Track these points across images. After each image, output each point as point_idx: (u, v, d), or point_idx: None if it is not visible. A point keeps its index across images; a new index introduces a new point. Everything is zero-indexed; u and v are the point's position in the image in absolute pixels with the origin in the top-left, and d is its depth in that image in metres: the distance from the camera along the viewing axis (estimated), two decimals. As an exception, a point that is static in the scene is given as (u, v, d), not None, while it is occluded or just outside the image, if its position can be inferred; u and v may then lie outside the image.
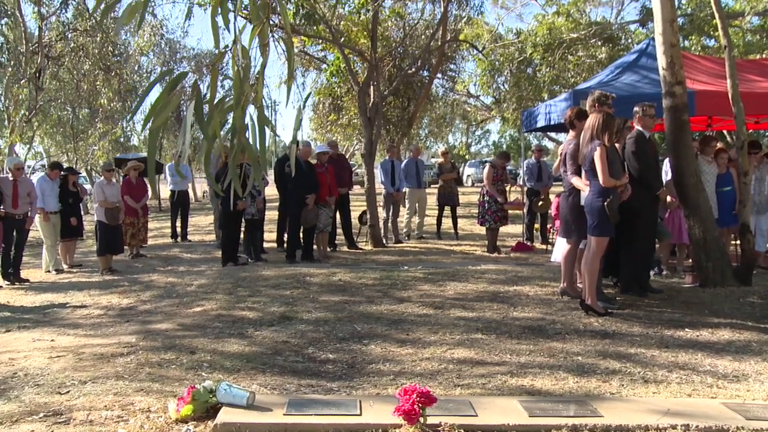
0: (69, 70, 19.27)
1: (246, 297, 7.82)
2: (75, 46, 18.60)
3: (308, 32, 13.75)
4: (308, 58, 20.01)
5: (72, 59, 18.85)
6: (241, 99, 2.79)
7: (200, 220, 19.38)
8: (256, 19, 2.80)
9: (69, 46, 18.61)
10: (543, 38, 19.20)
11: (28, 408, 4.27)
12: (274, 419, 3.80)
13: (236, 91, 2.80)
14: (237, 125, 2.82)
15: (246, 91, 2.80)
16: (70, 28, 18.25)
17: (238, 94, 2.79)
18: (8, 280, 9.90)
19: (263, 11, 2.81)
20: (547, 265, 9.42)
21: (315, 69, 21.93)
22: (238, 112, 2.81)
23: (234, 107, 2.82)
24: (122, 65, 21.49)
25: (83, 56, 18.85)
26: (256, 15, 2.80)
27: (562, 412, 3.90)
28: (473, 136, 52.58)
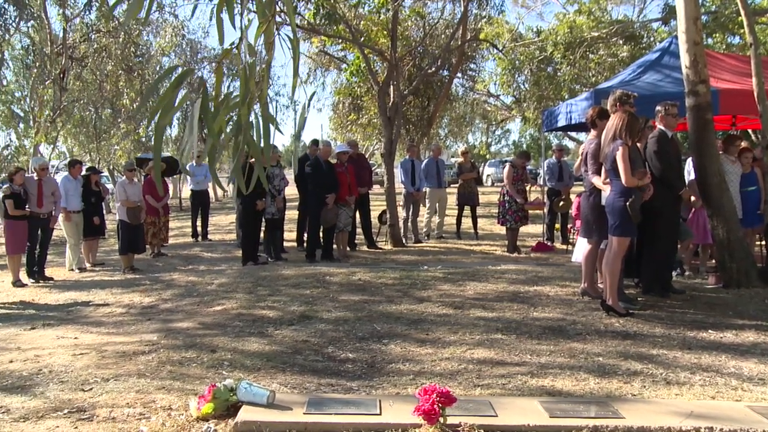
0: (92, 71, 19.46)
1: (266, 296, 7.84)
2: (98, 47, 18.78)
3: (328, 32, 13.76)
4: (328, 57, 20.05)
5: (95, 60, 19.04)
6: (247, 96, 2.80)
7: (220, 219, 19.49)
8: (262, 17, 2.80)
9: (92, 47, 18.79)
10: (564, 37, 19.06)
11: (52, 404, 4.33)
12: (294, 418, 3.81)
13: (242, 88, 2.80)
14: (242, 122, 2.82)
15: (251, 89, 2.80)
16: (94, 30, 18.43)
17: (243, 91, 2.79)
18: (33, 278, 10.02)
19: (269, 9, 2.81)
20: (568, 266, 9.36)
21: (335, 69, 21.98)
22: (243, 109, 2.81)
23: (240, 104, 2.82)
24: (144, 66, 21.66)
25: (106, 57, 19.02)
26: (262, 12, 2.80)
27: (583, 413, 3.87)
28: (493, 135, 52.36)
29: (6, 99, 20.24)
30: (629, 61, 16.66)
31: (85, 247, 11.31)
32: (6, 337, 6.57)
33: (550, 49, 19.71)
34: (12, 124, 20.45)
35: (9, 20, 14.63)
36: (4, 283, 9.93)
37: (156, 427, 3.87)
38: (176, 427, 3.86)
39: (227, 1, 2.69)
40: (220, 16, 2.76)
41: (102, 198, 11.82)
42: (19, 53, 19.68)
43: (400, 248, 12.16)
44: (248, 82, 2.77)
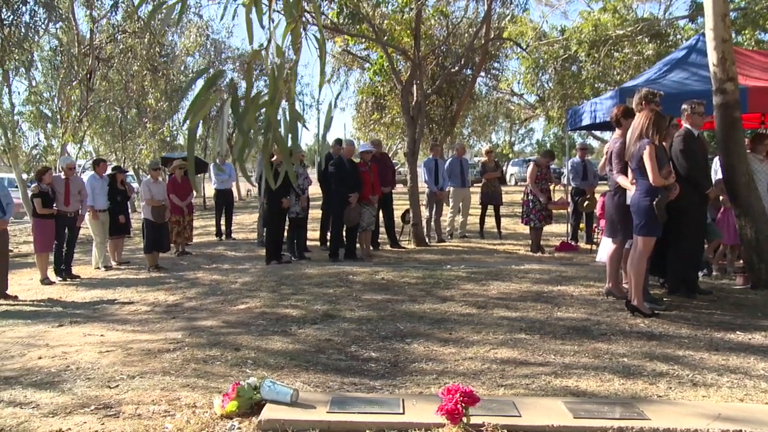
0: (118, 71, 19.67)
1: (289, 295, 7.88)
2: (124, 48, 18.97)
3: (351, 31, 13.78)
4: (351, 57, 20.07)
5: (121, 60, 19.24)
6: (276, 95, 2.81)
7: (244, 218, 19.60)
8: (290, 17, 2.81)
9: (118, 47, 19.00)
10: (588, 35, 18.91)
11: (80, 400, 4.38)
12: (318, 417, 3.82)
13: (271, 87, 2.82)
14: (271, 121, 2.84)
15: (280, 88, 2.82)
16: (120, 30, 18.63)
17: (272, 90, 2.81)
18: (60, 276, 10.15)
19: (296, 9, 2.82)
20: (592, 265, 9.28)
21: (358, 68, 22.00)
22: (271, 108, 2.83)
23: (268, 103, 2.84)
24: (169, 66, 21.85)
25: (132, 57, 19.21)
26: (290, 13, 2.82)
27: (608, 414, 3.83)
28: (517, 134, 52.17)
29: (35, 99, 20.49)
30: (655, 60, 16.49)
31: (111, 246, 11.43)
32: (35, 333, 6.67)
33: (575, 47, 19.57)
34: (40, 124, 20.70)
35: (38, 22, 14.82)
36: (32, 281, 10.07)
37: (181, 425, 3.90)
38: (200, 425, 3.89)
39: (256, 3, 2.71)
40: (249, 17, 2.78)
41: (128, 197, 11.93)
42: (48, 54, 19.93)
43: (423, 247, 12.15)
44: (277, 81, 2.79)
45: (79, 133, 20.63)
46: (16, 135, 19.61)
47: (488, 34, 15.30)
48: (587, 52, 19.24)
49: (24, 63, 16.42)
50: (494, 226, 13.59)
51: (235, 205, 17.25)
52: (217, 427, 3.85)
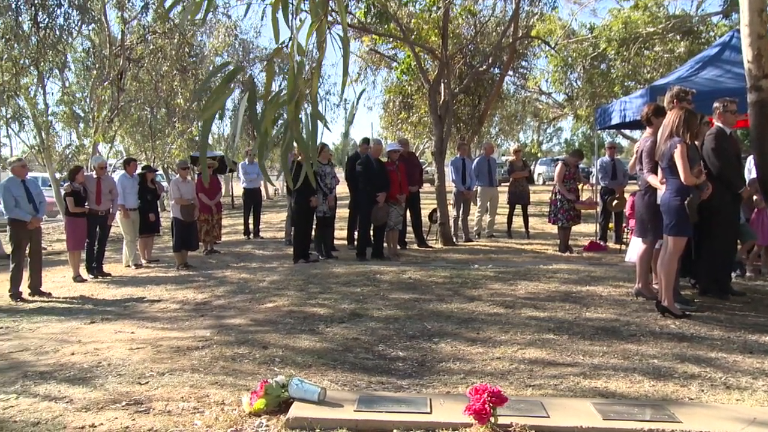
0: (148, 72, 19.90)
1: (317, 294, 7.90)
2: (154, 48, 19.20)
3: (379, 30, 13.79)
4: (379, 56, 20.08)
5: (151, 61, 19.46)
6: (295, 94, 2.82)
7: (272, 217, 19.71)
8: (315, 16, 2.82)
9: (148, 48, 19.23)
10: (618, 33, 18.71)
11: (111, 396, 4.45)
12: (345, 415, 3.83)
13: (290, 85, 2.82)
14: (290, 119, 2.85)
15: (300, 86, 2.82)
16: (150, 31, 18.85)
17: (291, 89, 2.82)
18: (92, 273, 10.30)
19: (322, 8, 2.83)
20: (621, 265, 9.19)
21: (385, 67, 22.00)
22: (291, 106, 2.83)
23: (287, 102, 2.84)
24: (198, 66, 22.05)
25: (161, 58, 19.43)
26: (315, 12, 2.83)
27: (638, 416, 3.78)
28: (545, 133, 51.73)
29: (68, 100, 20.82)
30: (686, 57, 16.26)
31: (140, 244, 11.56)
32: (68, 330, 6.78)
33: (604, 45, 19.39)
34: (73, 124, 21.03)
35: (72, 24, 15.06)
36: (65, 278, 10.24)
37: (209, 422, 3.94)
38: (229, 422, 3.92)
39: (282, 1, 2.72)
40: (276, 16, 2.80)
41: (157, 196, 12.06)
42: (81, 56, 20.23)
43: (450, 247, 12.12)
44: (297, 79, 2.80)
45: (110, 133, 20.92)
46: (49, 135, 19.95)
47: (516, 32, 15.20)
48: (617, 50, 19.04)
49: (58, 64, 16.67)
50: (522, 226, 13.52)
51: (263, 204, 17.35)
52: (246, 425, 3.88)
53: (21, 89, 17.88)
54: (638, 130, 14.05)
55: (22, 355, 5.84)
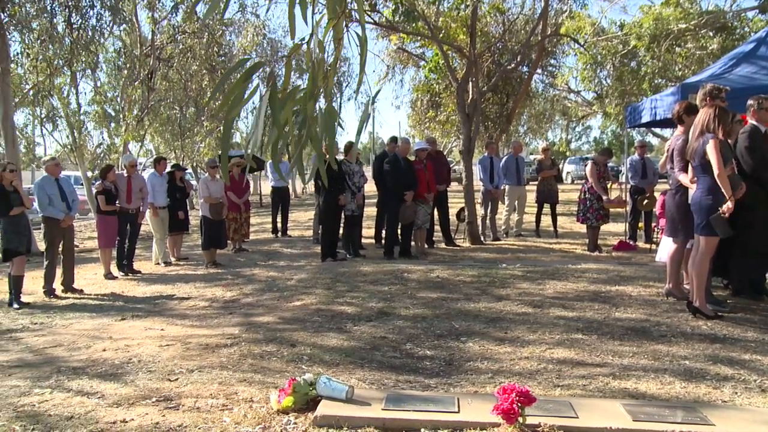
0: (177, 71, 20.13)
1: (345, 292, 7.93)
2: (183, 48, 19.42)
3: (407, 29, 13.77)
4: (406, 55, 20.07)
5: (180, 60, 19.69)
6: (314, 90, 2.82)
7: (299, 215, 19.80)
8: (332, 14, 2.82)
9: (178, 48, 19.45)
10: (649, 30, 18.47)
11: (142, 392, 4.51)
12: (373, 414, 3.84)
13: (310, 82, 2.82)
14: (308, 116, 2.85)
15: (319, 83, 2.83)
16: (179, 31, 19.06)
17: (311, 85, 2.82)
18: (123, 271, 10.44)
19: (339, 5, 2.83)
20: (652, 265, 9.09)
21: (413, 66, 21.98)
22: (310, 103, 2.84)
23: (306, 98, 2.84)
24: (226, 65, 22.23)
25: (191, 57, 19.64)
26: (333, 9, 2.82)
27: (669, 417, 3.74)
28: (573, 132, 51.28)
29: (99, 99, 21.15)
30: (720, 54, 16.01)
31: (170, 242, 11.68)
32: (99, 326, 6.89)
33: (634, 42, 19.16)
34: (104, 123, 21.35)
35: (104, 25, 15.30)
36: (96, 276, 10.38)
37: (238, 419, 3.97)
38: (257, 419, 3.95)
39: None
40: (293, 12, 2.80)
41: (186, 194, 12.17)
42: (112, 56, 20.53)
43: (478, 246, 12.08)
44: (316, 76, 2.80)
45: (140, 132, 21.18)
46: (81, 134, 20.27)
47: (545, 30, 15.07)
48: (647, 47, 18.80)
49: (90, 64, 16.97)
50: (550, 225, 13.43)
51: (291, 203, 17.44)
52: (274, 422, 3.91)
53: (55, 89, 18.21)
54: (669, 128, 13.87)
55: (56, 350, 5.95)
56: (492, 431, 3.64)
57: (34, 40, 14.82)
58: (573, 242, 12.26)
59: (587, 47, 20.49)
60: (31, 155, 24.09)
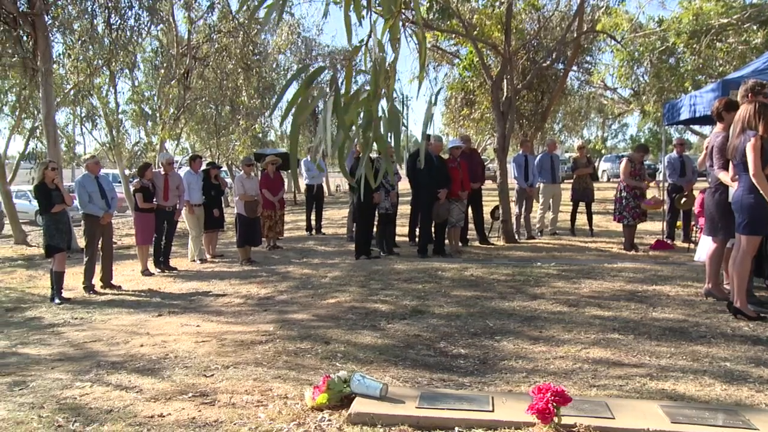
0: (213, 70, 20.35)
1: (378, 290, 7.94)
2: (219, 47, 19.63)
3: (441, 27, 13.74)
4: (441, 52, 20.02)
5: (216, 59, 19.90)
6: (377, 91, 2.83)
7: (334, 213, 19.88)
8: (388, 14, 2.82)
9: (214, 47, 19.66)
10: (688, 25, 18.12)
11: (178, 387, 4.57)
12: (407, 411, 3.84)
13: (373, 84, 2.83)
14: (373, 117, 2.86)
15: (380, 84, 2.83)
16: (215, 30, 19.27)
17: (374, 87, 2.82)
18: (159, 268, 10.59)
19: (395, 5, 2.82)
20: (690, 265, 8.94)
21: (447, 63, 21.92)
22: (374, 104, 2.84)
23: (369, 99, 2.85)
24: (261, 63, 22.41)
25: (226, 56, 19.85)
26: (388, 9, 2.83)
27: (709, 420, 3.66)
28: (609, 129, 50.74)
29: (137, 98, 21.49)
30: (763, 49, 15.66)
31: (205, 239, 11.81)
32: (137, 322, 7.00)
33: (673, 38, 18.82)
34: (141, 122, 21.68)
35: (142, 25, 15.55)
36: (134, 272, 10.55)
37: (273, 415, 4.00)
38: (292, 416, 3.97)
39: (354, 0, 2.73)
40: (348, 15, 2.81)
41: (221, 192, 12.28)
42: (149, 55, 20.83)
43: (512, 244, 12.01)
44: (378, 77, 2.81)
45: (177, 130, 21.47)
46: (120, 133, 20.62)
47: (581, 27, 14.91)
48: (687, 43, 18.45)
49: (128, 64, 17.27)
50: (586, 224, 13.29)
51: (325, 201, 17.51)
52: (308, 419, 3.93)
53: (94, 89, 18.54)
54: (708, 125, 13.64)
55: (95, 345, 6.06)
56: (527, 431, 3.62)
57: (75, 41, 15.13)
58: (609, 241, 12.11)
59: (624, 44, 20.19)
60: (71, 154, 24.55)
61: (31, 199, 19.68)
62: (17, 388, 4.75)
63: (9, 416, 4.15)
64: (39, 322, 7.36)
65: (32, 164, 18.17)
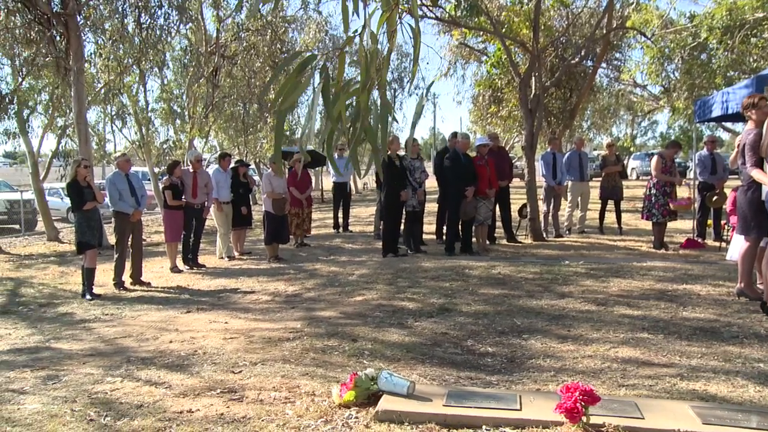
0: (241, 68, 20.46)
1: (406, 288, 7.94)
2: (247, 45, 19.74)
3: (469, 24, 13.68)
4: (468, 50, 19.94)
5: (244, 58, 20.01)
6: (368, 82, 2.82)
7: (360, 211, 19.91)
8: (386, 6, 2.81)
9: (242, 45, 19.77)
10: (721, 20, 17.82)
11: (207, 384, 4.61)
12: (434, 409, 3.83)
13: (363, 75, 2.82)
14: (362, 109, 2.85)
15: (372, 75, 2.82)
16: (243, 29, 19.38)
17: (364, 77, 2.82)
18: (188, 265, 10.68)
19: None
20: (722, 264, 8.80)
21: (475, 61, 21.83)
22: (363, 96, 2.83)
23: (360, 91, 2.84)
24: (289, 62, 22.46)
25: (254, 55, 19.95)
26: (386, 1, 2.81)
27: (742, 422, 3.59)
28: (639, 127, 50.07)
29: (166, 97, 21.70)
30: (800, 44, 15.34)
31: (234, 237, 11.88)
32: (166, 319, 7.07)
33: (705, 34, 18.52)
34: (170, 120, 21.89)
35: (171, 24, 15.70)
36: (163, 269, 10.66)
37: (300, 412, 4.02)
38: (319, 413, 3.99)
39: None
40: (346, 4, 2.81)
41: (249, 189, 12.34)
42: (178, 54, 21.01)
43: (540, 242, 11.93)
44: (369, 68, 2.80)
45: (205, 128, 21.64)
46: (149, 131, 20.84)
47: (610, 23, 14.74)
48: (719, 38, 18.14)
49: (158, 63, 17.43)
50: (614, 222, 13.16)
51: (353, 198, 17.54)
52: (336, 416, 3.94)
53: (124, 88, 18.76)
54: (741, 122, 13.40)
55: (126, 341, 6.14)
56: (555, 430, 3.60)
57: (106, 41, 15.32)
58: (638, 239, 11.98)
59: (654, 40, 19.93)
60: (102, 151, 24.86)
61: (62, 197, 20.03)
62: (51, 382, 4.84)
63: (43, 409, 4.23)
64: (71, 317, 7.48)
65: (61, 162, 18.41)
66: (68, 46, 13.42)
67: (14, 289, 9.63)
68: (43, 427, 3.95)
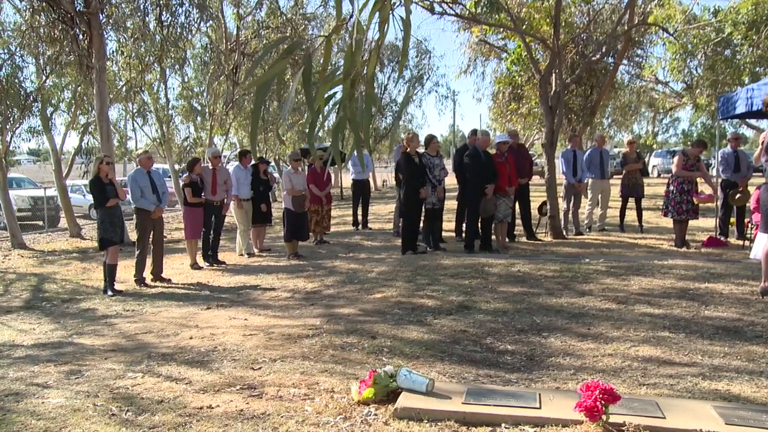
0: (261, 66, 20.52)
1: (425, 285, 7.93)
2: (267, 43, 19.78)
3: (489, 21, 13.63)
4: (488, 47, 19.86)
5: (264, 55, 20.06)
6: (351, 71, 2.80)
7: (380, 208, 19.91)
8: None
9: (262, 43, 19.83)
10: (747, 15, 17.59)
11: (227, 380, 4.65)
12: (453, 407, 3.83)
13: (347, 63, 2.81)
14: (344, 97, 2.83)
15: (357, 65, 2.80)
16: (263, 26, 19.44)
17: (347, 66, 2.80)
18: (208, 261, 10.74)
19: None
20: (745, 262, 8.71)
21: (495, 58, 21.74)
22: (346, 84, 2.82)
23: (343, 79, 2.82)
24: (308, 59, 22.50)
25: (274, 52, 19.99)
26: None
27: (766, 423, 3.55)
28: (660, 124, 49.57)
29: (186, 94, 21.83)
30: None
31: (253, 234, 11.93)
32: (186, 315, 7.13)
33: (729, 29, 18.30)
34: (191, 117, 22.02)
35: (192, 21, 15.80)
36: (183, 266, 10.73)
37: (319, 408, 4.04)
38: (338, 410, 4.00)
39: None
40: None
41: (269, 187, 12.37)
42: (199, 52, 21.13)
43: (560, 240, 11.86)
44: (354, 57, 2.78)
45: (225, 126, 21.75)
46: (170, 128, 20.98)
47: (632, 19, 14.61)
48: (744, 34, 17.92)
49: (179, 60, 17.56)
50: (635, 219, 13.05)
51: (372, 196, 17.54)
52: (355, 413, 3.95)
53: (145, 85, 18.90)
54: (766, 119, 13.24)
55: (146, 337, 6.19)
56: (574, 428, 3.58)
57: (128, 39, 15.45)
58: (659, 237, 11.87)
59: (677, 36, 19.73)
60: (124, 149, 25.09)
61: (85, 194, 20.24)
62: (73, 377, 4.90)
63: (66, 404, 4.28)
64: (93, 313, 7.56)
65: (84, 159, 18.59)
66: (91, 45, 13.54)
67: (38, 284, 9.76)
68: (66, 421, 4.00)
